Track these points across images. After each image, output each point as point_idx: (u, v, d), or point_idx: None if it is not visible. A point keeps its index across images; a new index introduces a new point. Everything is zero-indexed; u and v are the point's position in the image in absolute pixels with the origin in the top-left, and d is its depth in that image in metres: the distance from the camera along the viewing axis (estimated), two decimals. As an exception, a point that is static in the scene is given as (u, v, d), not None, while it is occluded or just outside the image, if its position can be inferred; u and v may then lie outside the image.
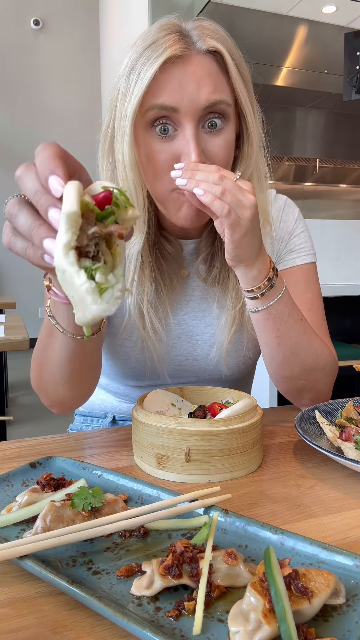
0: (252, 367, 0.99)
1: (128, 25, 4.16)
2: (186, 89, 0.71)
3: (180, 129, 0.73)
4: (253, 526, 0.49)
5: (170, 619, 0.39)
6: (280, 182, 4.48)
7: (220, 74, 0.75)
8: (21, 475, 0.63)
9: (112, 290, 0.41)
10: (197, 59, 0.73)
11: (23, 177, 0.45)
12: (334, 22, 3.65)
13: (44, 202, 0.43)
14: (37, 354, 0.75)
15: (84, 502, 0.49)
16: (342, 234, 3.72)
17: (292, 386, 0.86)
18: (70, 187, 0.41)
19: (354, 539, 0.51)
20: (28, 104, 5.26)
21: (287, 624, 0.34)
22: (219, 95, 0.73)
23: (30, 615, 0.40)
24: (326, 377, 0.86)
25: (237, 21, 3.51)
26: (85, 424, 1.04)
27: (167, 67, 0.71)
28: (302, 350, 0.81)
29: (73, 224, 0.39)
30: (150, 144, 0.74)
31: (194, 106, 0.72)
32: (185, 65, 0.72)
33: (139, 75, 0.71)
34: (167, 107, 0.71)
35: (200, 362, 0.93)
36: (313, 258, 0.95)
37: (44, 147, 0.45)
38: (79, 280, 0.39)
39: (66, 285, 0.41)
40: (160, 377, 0.93)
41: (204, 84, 0.72)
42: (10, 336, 1.81)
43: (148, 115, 0.73)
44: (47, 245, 0.43)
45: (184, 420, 0.64)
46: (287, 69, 3.93)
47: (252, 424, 0.66)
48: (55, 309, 0.64)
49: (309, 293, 0.92)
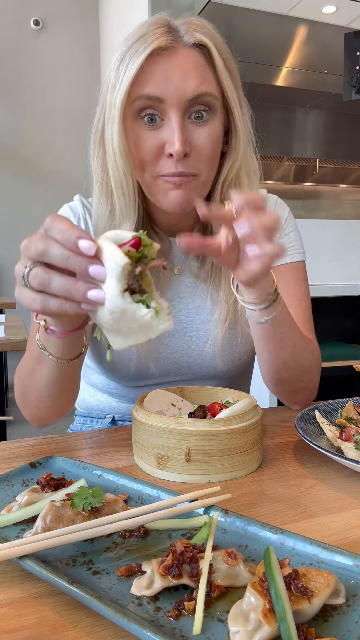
0: (248, 364, 1.00)
1: (128, 25, 4.16)
2: (172, 80, 0.74)
3: (166, 119, 0.75)
4: (253, 526, 0.49)
5: (170, 619, 0.38)
6: (280, 182, 4.48)
7: (207, 67, 0.77)
8: (21, 475, 0.62)
9: (164, 310, 0.51)
10: (184, 52, 0.75)
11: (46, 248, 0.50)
12: (334, 22, 3.65)
13: (81, 263, 0.49)
14: (24, 377, 0.77)
15: (84, 502, 0.49)
16: (342, 234, 3.72)
17: (289, 387, 0.87)
18: (107, 243, 0.49)
19: (354, 539, 0.51)
20: (28, 104, 5.26)
21: (287, 624, 0.34)
22: (205, 87, 0.75)
23: (30, 615, 0.40)
24: (317, 376, 0.89)
25: (237, 21, 3.51)
26: (85, 425, 1.04)
27: (154, 58, 0.74)
28: (299, 351, 0.82)
29: (126, 272, 0.48)
30: (137, 132, 0.77)
31: (180, 97, 0.74)
32: (171, 57, 0.74)
33: (127, 66, 0.74)
34: (153, 97, 0.74)
35: (195, 358, 0.94)
36: (302, 257, 0.97)
37: (56, 219, 0.50)
38: (141, 312, 0.48)
39: (124, 321, 0.49)
40: (156, 375, 0.94)
41: (190, 76, 0.74)
42: (10, 336, 1.81)
43: (135, 105, 0.75)
44: (92, 294, 0.49)
45: (184, 420, 0.64)
46: (287, 69, 3.93)
47: (252, 424, 0.65)
48: (46, 342, 0.67)
49: (298, 290, 0.94)
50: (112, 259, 0.48)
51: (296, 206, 4.48)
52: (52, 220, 0.51)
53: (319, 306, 0.93)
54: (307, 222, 3.79)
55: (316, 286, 2.61)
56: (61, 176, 4.91)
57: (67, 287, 0.50)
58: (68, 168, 4.83)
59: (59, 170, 5.06)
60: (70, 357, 0.69)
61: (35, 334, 0.68)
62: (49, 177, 5.13)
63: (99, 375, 1.00)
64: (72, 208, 0.93)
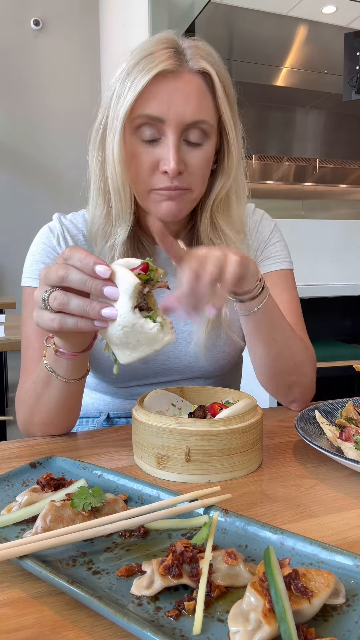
0: (234, 364, 1.01)
1: (128, 26, 4.16)
2: (173, 103, 0.77)
3: (163, 137, 0.79)
4: (253, 526, 0.49)
5: (170, 619, 0.38)
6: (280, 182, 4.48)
7: (208, 93, 0.81)
8: (21, 475, 0.63)
9: (167, 324, 0.60)
10: (188, 77, 0.79)
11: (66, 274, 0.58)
12: (334, 22, 3.65)
13: (97, 285, 0.58)
14: (31, 402, 0.80)
15: (84, 502, 0.50)
16: (342, 234, 3.72)
17: (283, 382, 0.89)
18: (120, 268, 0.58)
19: (354, 539, 0.51)
20: (28, 104, 5.26)
21: (287, 624, 0.34)
22: (203, 115, 0.79)
23: (30, 615, 0.40)
24: (311, 371, 0.91)
25: (237, 21, 3.51)
26: (81, 425, 1.04)
27: (159, 79, 0.77)
28: (292, 344, 0.84)
29: (137, 291, 0.57)
30: (135, 146, 0.80)
31: (178, 120, 0.77)
32: (175, 80, 0.78)
33: (133, 82, 0.77)
34: (154, 117, 0.77)
35: (181, 359, 0.95)
36: (289, 265, 1.00)
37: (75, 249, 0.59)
38: (148, 325, 0.57)
39: (132, 335, 0.58)
40: (145, 377, 0.96)
41: (191, 102, 0.78)
42: (10, 336, 1.81)
43: (136, 122, 0.79)
44: (106, 312, 0.58)
45: (184, 420, 0.64)
46: (287, 69, 3.92)
47: (252, 424, 0.66)
48: (55, 364, 0.73)
49: (287, 296, 0.97)
50: (126, 280, 0.57)
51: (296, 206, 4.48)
52: (71, 250, 0.59)
53: (319, 306, 0.93)
54: (307, 222, 3.79)
55: (316, 286, 2.61)
56: (61, 176, 4.92)
57: (84, 306, 0.58)
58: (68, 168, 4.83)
59: (59, 170, 5.06)
60: (77, 377, 0.75)
61: (43, 359, 0.74)
62: (49, 177, 5.13)
63: (91, 376, 1.01)
64: (51, 228, 0.95)
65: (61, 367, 0.73)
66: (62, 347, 0.69)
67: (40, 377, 0.76)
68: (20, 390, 0.84)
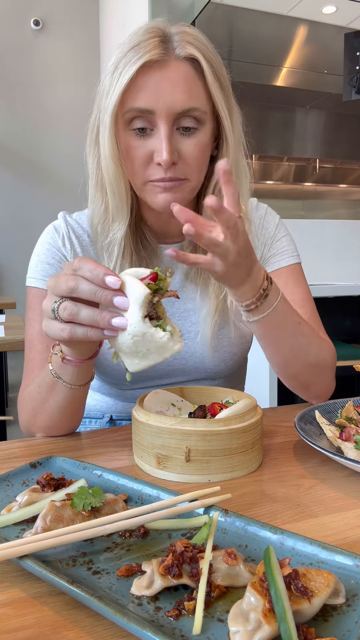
0: (239, 365, 1.01)
1: (128, 26, 4.16)
2: (162, 93, 0.76)
3: (155, 129, 0.78)
4: (253, 526, 0.49)
5: (170, 619, 0.38)
6: (280, 182, 4.48)
7: (197, 80, 0.79)
8: (21, 475, 0.63)
9: (177, 333, 0.60)
10: (175, 65, 0.77)
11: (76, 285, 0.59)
12: (334, 22, 3.65)
13: (107, 295, 0.58)
14: (34, 405, 0.80)
15: (84, 502, 0.50)
16: (342, 234, 3.72)
17: (300, 382, 0.89)
18: (130, 278, 0.59)
19: (354, 539, 0.51)
20: (28, 104, 5.26)
21: (287, 624, 0.34)
22: (193, 102, 0.77)
23: (30, 615, 0.40)
24: (329, 370, 0.90)
25: (237, 21, 3.51)
26: (84, 426, 1.04)
27: (145, 70, 0.75)
28: (301, 352, 0.83)
29: (147, 301, 0.58)
30: (128, 140, 0.79)
31: (169, 110, 0.76)
32: (162, 70, 0.76)
33: (120, 75, 0.76)
34: (143, 109, 0.77)
35: (187, 360, 0.95)
36: (297, 259, 0.99)
37: (84, 260, 0.59)
38: (158, 334, 0.58)
39: (142, 344, 0.58)
40: (150, 379, 0.95)
41: (179, 90, 0.76)
42: (10, 336, 1.81)
43: (127, 115, 0.78)
44: (116, 322, 0.58)
45: (184, 420, 0.64)
46: (287, 69, 3.92)
47: (252, 424, 0.65)
48: (61, 371, 0.73)
49: (299, 292, 0.96)
50: (136, 290, 0.57)
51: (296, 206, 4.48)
52: (81, 261, 0.59)
53: (319, 306, 0.93)
54: (307, 222, 3.78)
55: (316, 286, 2.60)
56: (61, 176, 4.91)
57: (94, 316, 0.59)
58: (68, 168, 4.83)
59: (59, 169, 5.06)
60: (82, 383, 0.75)
61: (48, 364, 0.74)
62: (49, 176, 5.12)
63: (94, 377, 1.00)
64: (56, 228, 0.94)
65: (67, 373, 0.73)
66: (69, 355, 0.69)
67: (45, 382, 0.76)
68: (23, 392, 0.84)
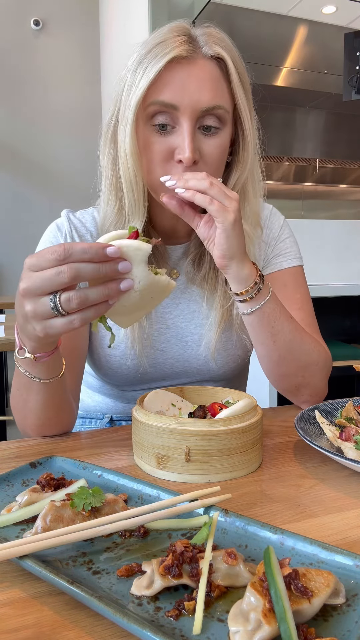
0: (242, 367, 1.01)
1: (128, 26, 4.16)
2: (187, 90, 0.74)
3: (178, 126, 0.76)
4: (253, 526, 0.49)
5: (170, 619, 0.38)
6: (280, 182, 4.48)
7: (222, 79, 0.78)
8: (21, 475, 0.62)
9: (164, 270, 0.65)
10: (202, 63, 0.76)
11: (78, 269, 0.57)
12: (334, 22, 3.65)
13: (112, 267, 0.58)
14: (19, 408, 0.79)
15: (84, 502, 0.50)
16: (342, 234, 3.72)
17: (290, 384, 0.88)
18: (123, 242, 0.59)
19: (354, 539, 0.51)
20: (28, 104, 5.26)
21: (287, 624, 0.34)
22: (218, 100, 0.76)
23: (30, 615, 0.40)
24: (321, 372, 0.88)
25: (237, 21, 3.51)
26: (84, 426, 1.04)
27: (172, 66, 0.74)
28: (296, 346, 0.83)
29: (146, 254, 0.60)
30: (148, 135, 0.78)
31: (193, 106, 0.75)
32: (189, 66, 0.75)
33: (146, 70, 0.75)
34: (168, 104, 0.75)
35: (191, 362, 0.94)
36: (300, 262, 0.99)
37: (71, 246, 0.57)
38: (161, 278, 0.62)
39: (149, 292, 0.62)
40: (153, 380, 0.95)
41: (205, 88, 0.75)
42: (11, 336, 1.81)
43: (149, 109, 0.76)
44: (125, 285, 0.59)
45: (184, 420, 0.64)
46: (287, 69, 3.92)
47: (252, 424, 0.65)
48: (33, 370, 0.71)
49: (298, 293, 0.95)
50: (139, 249, 0.59)
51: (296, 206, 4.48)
52: (67, 249, 0.57)
53: (319, 306, 0.93)
54: (307, 222, 3.79)
55: (316, 286, 2.61)
56: (61, 176, 4.91)
57: (103, 292, 0.59)
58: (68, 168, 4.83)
59: (59, 170, 5.06)
60: (55, 375, 0.74)
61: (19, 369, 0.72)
62: (49, 176, 5.12)
63: (96, 378, 1.00)
64: (59, 226, 0.93)
65: (39, 370, 0.72)
66: (39, 352, 0.68)
67: (22, 384, 0.75)
68: (11, 398, 0.83)
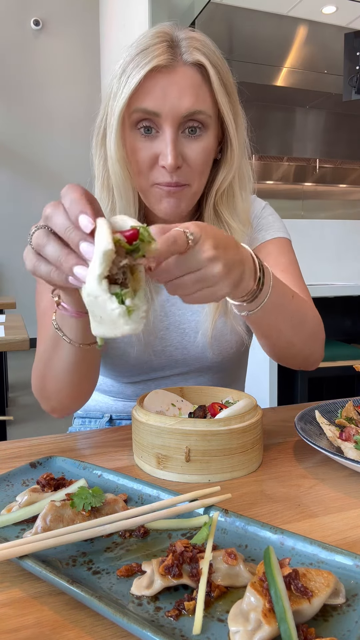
0: (239, 356, 1.00)
1: (128, 26, 4.16)
2: (168, 97, 0.77)
3: (161, 132, 0.79)
4: (253, 526, 0.49)
5: (170, 619, 0.39)
6: (280, 182, 4.48)
7: (203, 85, 0.80)
8: (21, 475, 0.63)
9: (139, 312, 0.47)
10: (182, 70, 0.78)
11: (52, 213, 0.50)
12: (334, 22, 3.66)
13: (74, 237, 0.49)
14: (41, 366, 0.77)
15: (84, 502, 0.50)
16: (342, 234, 3.72)
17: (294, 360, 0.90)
18: (102, 225, 0.47)
19: (354, 539, 0.51)
20: (28, 104, 5.26)
21: (287, 624, 0.34)
22: (199, 105, 0.79)
23: (30, 615, 0.40)
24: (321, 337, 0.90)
25: (237, 21, 3.51)
26: (84, 426, 1.04)
27: (153, 74, 0.77)
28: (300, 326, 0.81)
29: (108, 258, 0.45)
30: (134, 141, 0.80)
31: (174, 113, 0.77)
32: (170, 74, 0.78)
33: (128, 79, 0.78)
34: (150, 111, 0.78)
35: (189, 350, 0.95)
36: (285, 235, 0.98)
37: (71, 188, 0.50)
38: (111, 305, 0.45)
39: (96, 307, 0.47)
40: (153, 370, 0.95)
41: (186, 94, 0.78)
42: (10, 336, 1.81)
43: (133, 116, 0.79)
44: (78, 271, 0.49)
45: (184, 420, 0.64)
46: (287, 69, 3.93)
47: (252, 424, 0.66)
48: (62, 322, 0.67)
49: (282, 259, 0.94)
50: (99, 242, 0.46)
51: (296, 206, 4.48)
52: (69, 188, 0.50)
53: (319, 306, 0.93)
54: (307, 222, 3.79)
55: (316, 286, 2.61)
56: (61, 176, 4.91)
57: (59, 256, 0.50)
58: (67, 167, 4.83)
59: (59, 169, 5.06)
60: (85, 342, 0.68)
61: (52, 314, 0.68)
62: (49, 176, 5.13)
63: None
64: None
65: (69, 326, 0.67)
66: (64, 302, 0.63)
67: (50, 337, 0.72)
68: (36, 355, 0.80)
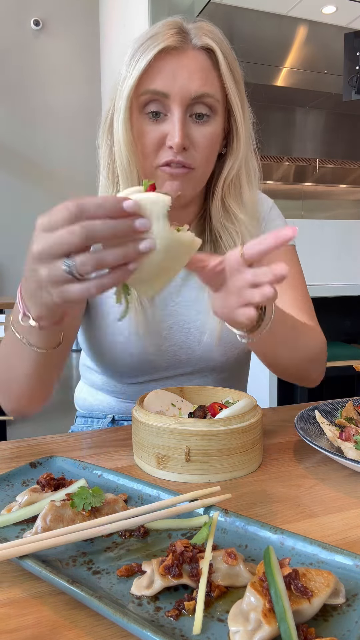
0: (243, 356, 1.00)
1: (128, 26, 4.16)
2: (178, 78, 0.78)
3: (169, 114, 0.80)
4: (253, 526, 0.49)
5: (170, 619, 0.39)
6: (280, 182, 4.48)
7: (212, 70, 0.81)
8: (21, 475, 0.63)
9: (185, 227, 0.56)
10: (192, 53, 0.80)
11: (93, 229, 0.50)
12: (334, 22, 3.66)
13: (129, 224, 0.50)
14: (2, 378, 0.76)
15: (84, 502, 0.50)
16: (342, 234, 3.72)
17: (292, 379, 0.92)
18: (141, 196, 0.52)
19: (354, 539, 0.51)
20: (28, 104, 5.26)
21: (287, 624, 0.34)
22: (208, 88, 0.80)
23: (30, 615, 0.40)
24: (322, 361, 0.92)
25: (237, 21, 3.51)
26: (86, 425, 1.04)
27: (163, 56, 0.78)
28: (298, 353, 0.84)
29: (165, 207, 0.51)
30: (141, 124, 0.81)
31: (184, 94, 0.78)
32: (180, 56, 0.79)
33: (137, 61, 0.79)
34: (159, 92, 0.78)
35: (194, 350, 0.94)
36: (292, 242, 0.98)
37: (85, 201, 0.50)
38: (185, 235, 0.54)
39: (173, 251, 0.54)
40: (156, 370, 0.95)
41: (195, 76, 0.79)
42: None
43: (142, 98, 0.80)
44: (145, 245, 0.51)
45: (184, 420, 0.64)
46: (287, 69, 3.93)
47: (252, 424, 0.66)
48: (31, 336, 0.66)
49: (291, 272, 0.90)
50: (158, 203, 0.52)
51: (296, 206, 4.48)
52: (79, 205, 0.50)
53: (319, 306, 0.93)
54: (307, 222, 3.79)
55: (316, 286, 2.61)
56: (61, 175, 4.92)
57: (121, 253, 0.51)
58: (68, 167, 4.83)
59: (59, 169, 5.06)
60: (53, 346, 0.69)
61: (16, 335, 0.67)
62: (49, 176, 5.12)
63: (99, 374, 1.00)
64: None
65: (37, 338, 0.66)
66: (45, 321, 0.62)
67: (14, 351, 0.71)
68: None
